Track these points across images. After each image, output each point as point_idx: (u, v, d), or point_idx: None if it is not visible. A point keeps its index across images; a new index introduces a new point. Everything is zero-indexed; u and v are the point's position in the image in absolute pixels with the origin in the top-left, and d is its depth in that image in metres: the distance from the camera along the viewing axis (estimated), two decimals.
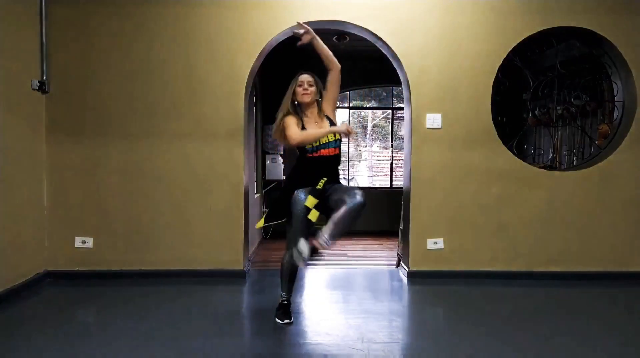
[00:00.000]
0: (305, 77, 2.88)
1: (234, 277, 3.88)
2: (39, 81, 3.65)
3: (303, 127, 2.83)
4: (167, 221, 3.88)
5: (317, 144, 2.79)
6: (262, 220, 2.95)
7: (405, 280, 3.97)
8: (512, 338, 2.69)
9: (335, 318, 3.04)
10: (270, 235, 6.63)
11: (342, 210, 2.59)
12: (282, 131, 2.83)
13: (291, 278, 2.99)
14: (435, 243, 3.97)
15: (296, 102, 2.89)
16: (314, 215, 2.71)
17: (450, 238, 3.97)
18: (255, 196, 5.82)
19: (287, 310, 2.96)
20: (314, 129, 2.80)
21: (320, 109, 2.92)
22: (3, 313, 3.01)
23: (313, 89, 2.87)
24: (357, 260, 5.26)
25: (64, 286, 3.66)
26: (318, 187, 2.76)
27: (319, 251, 2.65)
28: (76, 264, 3.85)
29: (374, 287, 3.79)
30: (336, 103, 3.06)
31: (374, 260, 5.29)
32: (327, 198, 2.76)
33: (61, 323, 2.86)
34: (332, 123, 2.89)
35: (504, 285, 3.78)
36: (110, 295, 3.44)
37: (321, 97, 2.92)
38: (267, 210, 2.98)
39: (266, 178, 6.62)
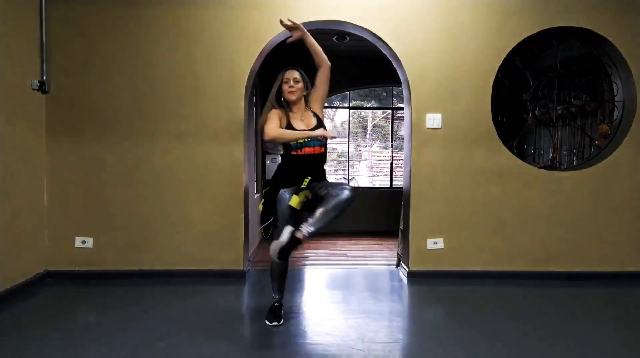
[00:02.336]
0: (291, 74, 2.85)
1: (234, 277, 3.88)
2: (39, 81, 3.65)
3: (289, 123, 2.80)
4: (167, 221, 3.88)
5: (302, 141, 2.76)
6: (261, 230, 2.92)
7: (405, 280, 3.97)
8: (512, 338, 2.69)
9: (335, 318, 3.04)
10: (270, 235, 6.63)
11: (329, 203, 2.55)
12: (262, 124, 2.79)
13: (280, 279, 2.96)
14: (435, 243, 3.97)
15: (282, 99, 2.87)
16: (294, 201, 2.68)
17: (450, 238, 3.97)
18: (255, 196, 5.82)
19: (277, 312, 2.92)
20: (290, 132, 2.74)
21: (307, 104, 2.90)
22: (3, 313, 3.01)
23: (299, 85, 2.84)
24: (357, 260, 5.26)
25: (64, 286, 3.66)
26: (303, 186, 2.73)
27: (299, 242, 2.53)
28: (76, 264, 3.85)
29: (374, 287, 3.79)
30: (324, 100, 3.02)
31: (374, 260, 5.28)
32: (315, 196, 2.72)
33: (61, 323, 2.86)
34: (319, 119, 2.86)
35: (504, 285, 3.78)
36: (110, 295, 3.44)
37: (308, 92, 2.89)
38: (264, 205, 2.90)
39: (266, 178, 6.61)
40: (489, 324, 2.91)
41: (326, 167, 2.93)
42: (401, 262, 4.29)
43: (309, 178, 2.75)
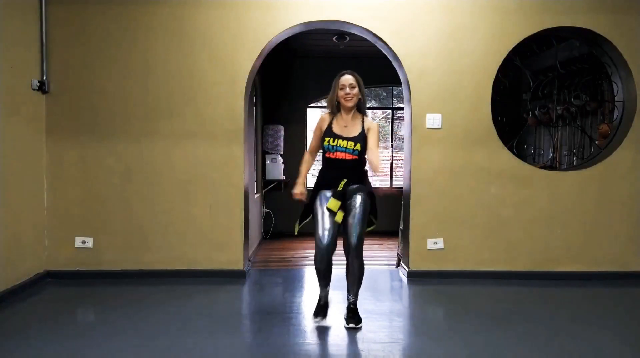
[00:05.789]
0: (347, 79, 2.84)
1: (234, 277, 3.88)
2: (39, 81, 3.65)
3: (330, 126, 2.87)
4: (167, 221, 3.88)
5: (335, 144, 2.81)
6: (296, 224, 3.02)
7: (405, 280, 3.97)
8: (512, 338, 2.69)
9: (336, 318, 3.04)
10: (270, 235, 6.63)
11: (351, 218, 2.79)
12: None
13: (325, 275, 2.94)
14: (435, 243, 3.97)
15: (337, 102, 2.89)
16: (339, 217, 2.77)
17: (450, 238, 3.97)
18: (255, 196, 5.82)
19: (319, 309, 2.97)
20: (300, 174, 2.97)
21: (360, 111, 2.93)
22: (3, 313, 3.01)
23: (355, 91, 2.85)
24: None
25: (64, 286, 3.66)
26: (339, 189, 2.79)
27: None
28: (76, 264, 3.85)
29: (374, 287, 3.79)
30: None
31: (374, 260, 5.28)
32: (346, 202, 2.81)
33: (61, 323, 2.86)
34: (363, 132, 2.85)
35: (504, 285, 3.78)
36: (110, 295, 3.44)
37: (362, 97, 2.90)
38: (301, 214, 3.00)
39: (266, 178, 6.61)
40: (489, 324, 2.91)
41: None
42: (401, 262, 4.29)
43: (345, 180, 2.80)
